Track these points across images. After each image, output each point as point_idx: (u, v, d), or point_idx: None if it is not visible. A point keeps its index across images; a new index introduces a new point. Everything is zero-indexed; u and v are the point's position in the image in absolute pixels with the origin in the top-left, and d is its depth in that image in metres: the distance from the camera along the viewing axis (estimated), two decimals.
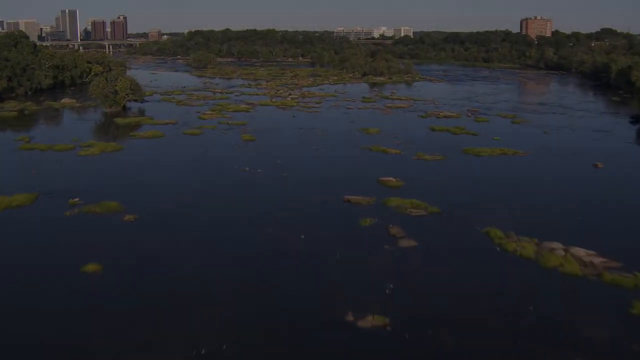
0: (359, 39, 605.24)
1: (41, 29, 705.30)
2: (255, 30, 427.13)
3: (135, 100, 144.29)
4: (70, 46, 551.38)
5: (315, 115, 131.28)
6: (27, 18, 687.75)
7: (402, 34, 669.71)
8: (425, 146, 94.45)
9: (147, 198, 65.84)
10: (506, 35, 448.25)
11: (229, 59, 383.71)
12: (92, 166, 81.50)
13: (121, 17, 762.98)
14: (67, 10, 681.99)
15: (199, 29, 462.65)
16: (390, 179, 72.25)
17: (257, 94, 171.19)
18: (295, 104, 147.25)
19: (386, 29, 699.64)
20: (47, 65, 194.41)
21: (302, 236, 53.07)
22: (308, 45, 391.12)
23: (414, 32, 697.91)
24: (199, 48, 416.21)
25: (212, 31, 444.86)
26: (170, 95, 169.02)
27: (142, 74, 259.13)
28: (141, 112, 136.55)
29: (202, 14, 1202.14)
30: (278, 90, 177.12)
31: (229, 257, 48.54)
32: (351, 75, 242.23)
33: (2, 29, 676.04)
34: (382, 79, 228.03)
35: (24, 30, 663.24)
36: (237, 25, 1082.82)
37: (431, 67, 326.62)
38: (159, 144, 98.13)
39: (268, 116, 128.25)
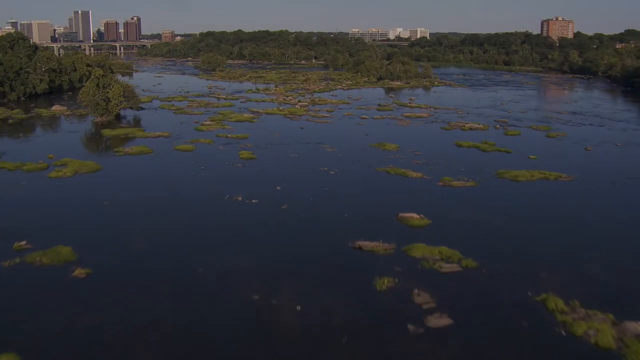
0: (374, 40, 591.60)
1: (54, 30, 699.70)
2: (267, 31, 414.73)
3: (131, 108, 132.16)
4: (83, 47, 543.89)
5: (326, 127, 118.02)
6: (41, 19, 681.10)
7: (419, 36, 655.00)
8: (451, 167, 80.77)
9: (111, 241, 52.88)
10: (526, 37, 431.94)
11: (240, 62, 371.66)
12: (59, 193, 68.79)
13: (135, 18, 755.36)
14: (79, 12, 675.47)
15: (212, 30, 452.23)
16: (413, 215, 58.64)
17: (264, 100, 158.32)
18: (304, 113, 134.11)
19: (402, 30, 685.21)
20: (43, 69, 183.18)
21: (298, 307, 39.87)
22: (322, 47, 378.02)
23: (430, 34, 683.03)
24: (210, 50, 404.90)
25: (223, 32, 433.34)
26: (170, 102, 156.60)
27: (147, 77, 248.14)
28: (135, 122, 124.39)
29: (216, 14, 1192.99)
30: (287, 97, 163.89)
31: (191, 351, 35.36)
32: (366, 79, 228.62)
33: (17, 30, 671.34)
34: (398, 83, 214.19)
35: (37, 32, 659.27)
36: (250, 27, 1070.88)
37: (449, 70, 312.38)
38: (144, 163, 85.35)
39: (273, 127, 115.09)
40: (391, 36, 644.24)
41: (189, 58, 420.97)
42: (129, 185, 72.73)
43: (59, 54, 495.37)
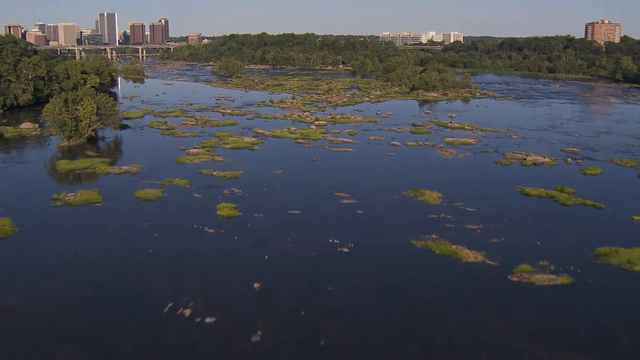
0: (405, 44, 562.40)
1: (81, 32, 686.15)
2: (292, 34, 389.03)
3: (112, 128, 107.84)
4: (109, 50, 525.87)
5: (345, 159, 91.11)
6: (68, 22, 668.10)
7: (452, 40, 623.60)
8: (523, 240, 53.44)
9: None
10: (569, 41, 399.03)
11: (263, 66, 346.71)
12: None
13: (162, 21, 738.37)
14: (105, 14, 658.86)
15: (237, 32, 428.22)
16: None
17: (275, 117, 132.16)
18: (320, 136, 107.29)
19: (435, 33, 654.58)
20: (30, 77, 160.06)
21: None
22: (349, 52, 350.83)
23: (464, 37, 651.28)
24: (232, 54, 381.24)
25: (247, 35, 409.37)
26: (164, 117, 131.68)
27: (156, 84, 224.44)
28: (107, 148, 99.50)
29: (243, 16, 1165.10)
30: (303, 112, 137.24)
31: None
32: (397, 89, 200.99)
33: (43, 32, 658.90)
34: (434, 95, 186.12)
35: (62, 34, 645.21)
36: (276, 29, 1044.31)
37: (488, 77, 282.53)
38: (80, 222, 59.54)
39: (276, 160, 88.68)
40: (423, 40, 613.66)
41: (210, 62, 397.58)
42: (34, 268, 46.85)
43: (81, 57, 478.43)
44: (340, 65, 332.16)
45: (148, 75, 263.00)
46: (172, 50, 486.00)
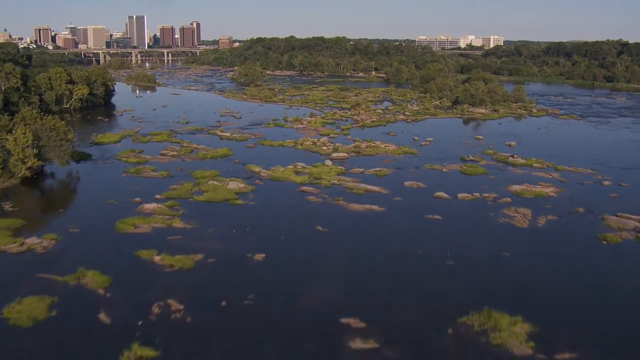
0: (442, 49, 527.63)
1: (111, 35, 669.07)
2: (322, 38, 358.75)
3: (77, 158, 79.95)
4: (134, 53, 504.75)
5: (368, 227, 60.69)
6: (98, 25, 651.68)
7: (492, 44, 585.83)
8: None
9: None
10: (623, 46, 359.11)
11: (289, 72, 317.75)
12: None
13: (193, 24, 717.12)
14: (134, 17, 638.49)
15: (267, 35, 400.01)
16: None
17: (283, 144, 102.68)
18: (336, 179, 77.12)
19: (474, 38, 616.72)
20: (2, 88, 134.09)
21: None
22: (383, 57, 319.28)
23: (504, 42, 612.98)
24: (257, 58, 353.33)
25: (274, 39, 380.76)
26: (145, 143, 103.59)
27: (161, 94, 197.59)
28: (35, 197, 71.09)
29: (273, 19, 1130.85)
30: (320, 139, 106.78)
31: None
32: (437, 102, 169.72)
33: (73, 35, 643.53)
34: (482, 111, 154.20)
35: (92, 37, 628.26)
36: (305, 32, 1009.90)
37: (537, 87, 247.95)
38: None
39: (264, 226, 59.57)
40: (462, 44, 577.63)
41: (235, 67, 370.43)
42: None
43: (105, 61, 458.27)
44: (373, 72, 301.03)
45: (159, 83, 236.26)
46: (198, 54, 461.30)
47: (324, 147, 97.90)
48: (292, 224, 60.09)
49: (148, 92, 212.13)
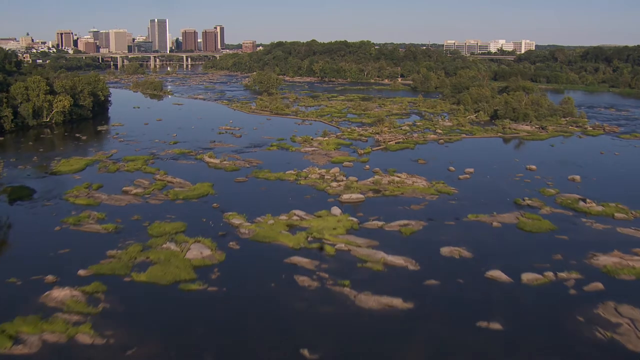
0: (472, 53, 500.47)
1: (133, 39, 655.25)
2: (345, 42, 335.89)
3: None
4: (152, 58, 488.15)
5: (387, 331, 38.03)
6: (120, 28, 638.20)
7: (523, 48, 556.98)
8: None
9: None
10: None
11: (309, 79, 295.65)
12: None
13: (217, 28, 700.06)
14: (155, 20, 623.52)
15: (289, 39, 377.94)
16: None
17: (282, 177, 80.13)
18: (344, 242, 54.40)
19: (504, 42, 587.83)
20: None
21: None
22: (410, 63, 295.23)
23: (536, 46, 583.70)
24: (277, 63, 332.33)
25: (295, 43, 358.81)
26: (112, 173, 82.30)
27: (163, 104, 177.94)
28: None
29: (296, 22, 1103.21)
30: (328, 172, 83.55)
31: None
32: (473, 116, 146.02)
33: (96, 39, 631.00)
34: (527, 128, 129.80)
35: (113, 41, 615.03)
36: (328, 36, 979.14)
37: (579, 96, 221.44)
38: None
39: (221, 338, 36.91)
40: (492, 49, 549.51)
41: (254, 72, 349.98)
42: None
43: (123, 66, 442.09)
44: (399, 79, 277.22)
45: (166, 91, 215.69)
46: (218, 58, 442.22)
47: (334, 184, 75.00)
48: (263, 340, 37.40)
49: (152, 101, 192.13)
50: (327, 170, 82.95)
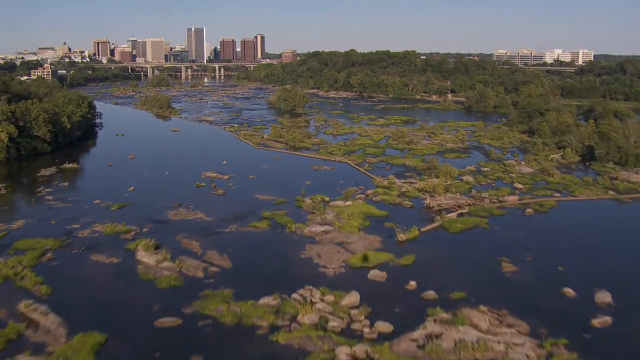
0: (525, 64, 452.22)
1: (171, 48, 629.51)
2: (387, 52, 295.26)
3: None
4: (184, 68, 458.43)
5: None
6: (157, 37, 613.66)
7: (580, 59, 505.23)
8: None
9: None
10: None
11: (346, 94, 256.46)
12: None
13: (257, 37, 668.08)
14: (192, 29, 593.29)
15: (327, 49, 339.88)
16: None
17: (246, 318, 41.00)
18: None
19: (561, 52, 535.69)
20: None
21: None
22: (461, 76, 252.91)
23: (594, 56, 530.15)
24: (311, 76, 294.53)
25: (332, 53, 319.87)
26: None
27: (160, 128, 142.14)
28: None
29: (337, 31, 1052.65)
30: (338, 307, 44.16)
31: None
32: (558, 155, 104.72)
33: (134, 48, 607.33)
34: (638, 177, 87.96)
35: (150, 50, 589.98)
36: (368, 46, 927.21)
37: None
38: None
39: None
40: (548, 59, 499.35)
41: (287, 85, 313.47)
42: None
43: (152, 75, 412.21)
44: (449, 96, 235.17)
45: (173, 110, 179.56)
46: (251, 69, 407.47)
47: (345, 322, 35.96)
48: None
49: (151, 123, 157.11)
50: (337, 296, 43.70)
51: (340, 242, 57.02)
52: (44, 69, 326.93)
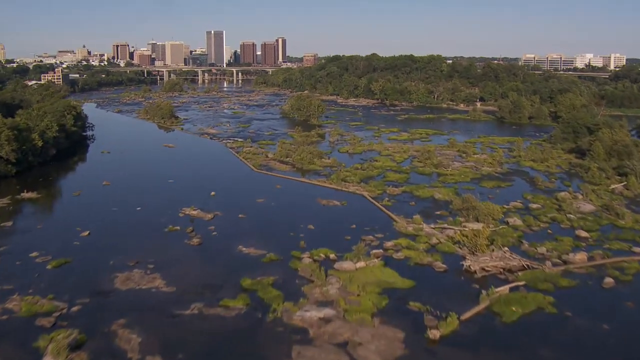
0: (555, 69, 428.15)
1: (191, 51, 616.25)
2: (411, 56, 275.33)
3: None
4: (200, 72, 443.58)
5: None
6: (177, 40, 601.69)
7: (612, 63, 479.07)
8: None
9: None
10: None
11: (367, 101, 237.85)
12: None
13: (278, 40, 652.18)
14: (212, 32, 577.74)
15: (348, 53, 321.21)
16: None
17: None
18: None
19: (592, 56, 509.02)
20: None
21: None
22: (491, 83, 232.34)
23: (627, 60, 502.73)
24: (330, 81, 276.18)
25: (352, 57, 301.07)
26: None
27: (153, 143, 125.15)
28: None
29: (359, 34, 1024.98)
30: None
31: None
32: (619, 185, 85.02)
33: (154, 51, 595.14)
34: None
35: (169, 53, 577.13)
36: (391, 50, 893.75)
37: None
38: None
39: None
40: (579, 64, 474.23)
41: (305, 91, 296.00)
42: None
43: (169, 78, 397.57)
44: (478, 104, 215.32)
45: (176, 121, 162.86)
46: (270, 73, 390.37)
47: None
48: None
49: (147, 135, 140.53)
50: None
51: (344, 341, 38.73)
52: (54, 73, 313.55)
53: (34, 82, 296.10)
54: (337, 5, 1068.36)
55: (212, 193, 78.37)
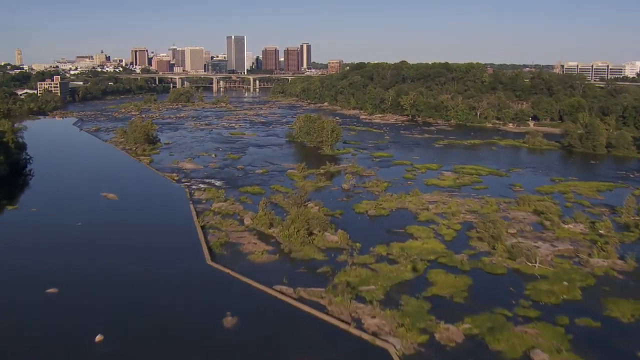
0: (602, 79, 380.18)
1: (212, 57, 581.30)
2: (446, 64, 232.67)
3: None
4: (215, 80, 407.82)
5: None
6: (198, 46, 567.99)
7: None
8: None
9: None
10: None
11: (395, 118, 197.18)
12: None
13: (302, 45, 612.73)
14: (232, 37, 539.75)
15: (375, 60, 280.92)
16: None
17: None
18: None
19: None
20: None
21: None
22: (545, 98, 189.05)
23: None
24: (353, 92, 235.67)
25: (379, 65, 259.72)
26: None
27: (92, 192, 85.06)
28: None
29: (388, 40, 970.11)
30: None
31: None
32: None
33: (172, 58, 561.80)
34: None
35: (189, 59, 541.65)
36: (422, 57, 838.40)
37: None
38: None
39: None
40: (628, 73, 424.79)
41: (325, 103, 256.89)
42: None
43: (182, 86, 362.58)
44: (531, 124, 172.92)
45: (150, 149, 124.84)
46: (288, 81, 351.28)
47: None
48: None
49: (89, 176, 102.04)
50: None
51: None
52: (52, 80, 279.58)
53: (25, 91, 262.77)
54: (363, 10, 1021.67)
55: (99, 338, 38.84)
